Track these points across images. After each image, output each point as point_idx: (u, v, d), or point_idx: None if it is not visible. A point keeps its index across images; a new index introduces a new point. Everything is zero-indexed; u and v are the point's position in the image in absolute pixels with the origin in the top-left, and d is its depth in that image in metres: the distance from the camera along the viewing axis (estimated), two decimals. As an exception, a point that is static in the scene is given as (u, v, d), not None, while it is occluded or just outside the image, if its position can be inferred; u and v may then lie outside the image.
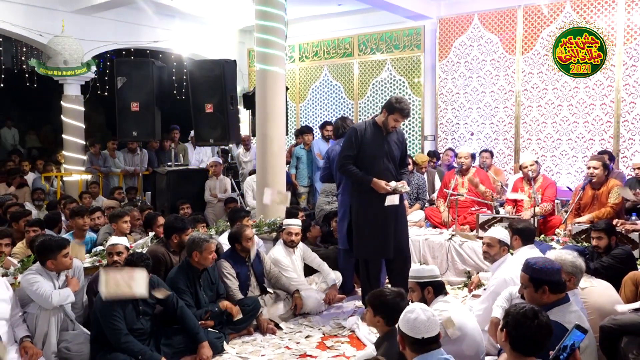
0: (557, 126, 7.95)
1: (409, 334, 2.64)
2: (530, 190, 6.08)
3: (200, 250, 4.35)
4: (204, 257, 4.37)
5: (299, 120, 10.41)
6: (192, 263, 4.40)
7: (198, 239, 4.38)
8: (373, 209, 4.73)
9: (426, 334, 2.63)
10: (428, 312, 2.70)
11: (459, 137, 8.78)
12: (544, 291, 3.00)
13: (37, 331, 3.82)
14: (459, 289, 5.73)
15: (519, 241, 4.49)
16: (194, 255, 4.37)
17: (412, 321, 2.65)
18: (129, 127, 8.11)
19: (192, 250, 4.37)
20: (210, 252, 4.40)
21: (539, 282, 3.01)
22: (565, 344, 2.31)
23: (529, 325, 2.41)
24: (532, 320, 2.42)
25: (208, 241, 4.39)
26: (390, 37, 9.35)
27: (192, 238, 4.44)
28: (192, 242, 4.40)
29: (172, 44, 10.26)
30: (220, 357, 4.16)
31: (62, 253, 3.92)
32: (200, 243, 4.35)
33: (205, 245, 4.36)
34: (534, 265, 3.07)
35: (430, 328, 2.64)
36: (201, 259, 4.37)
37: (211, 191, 7.90)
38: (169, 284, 4.28)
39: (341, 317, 5.01)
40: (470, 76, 8.61)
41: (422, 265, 4.91)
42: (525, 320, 2.42)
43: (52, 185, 9.15)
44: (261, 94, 6.31)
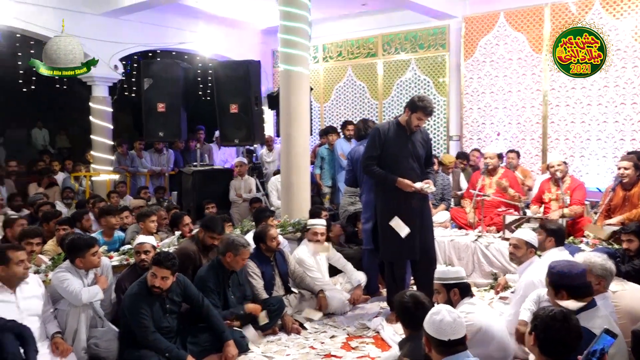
0: (586, 126, 7.81)
1: (435, 336, 2.60)
2: (558, 191, 6.00)
3: (236, 252, 4.36)
4: (237, 260, 4.39)
5: (323, 121, 10.42)
6: (223, 262, 4.42)
7: (237, 241, 4.40)
8: (398, 210, 4.70)
9: (452, 336, 2.58)
10: (454, 314, 2.65)
11: (485, 137, 8.69)
12: (562, 296, 2.98)
13: (68, 327, 3.88)
14: (485, 291, 5.66)
15: (553, 242, 4.41)
16: (228, 256, 4.38)
17: (437, 323, 2.61)
18: (156, 128, 8.21)
19: (228, 251, 4.38)
20: (243, 258, 4.43)
21: (557, 287, 3.01)
22: (594, 349, 2.24)
23: (559, 329, 2.37)
24: (561, 323, 2.38)
25: (245, 247, 4.41)
26: (415, 37, 9.29)
27: (231, 239, 4.44)
28: (231, 242, 4.40)
29: (198, 46, 10.35)
30: (245, 356, 4.17)
31: (91, 252, 3.99)
32: (237, 246, 4.37)
33: (241, 250, 4.38)
34: (552, 269, 3.06)
35: (456, 330, 2.59)
36: (233, 262, 4.39)
37: (236, 191, 7.95)
38: (198, 282, 4.32)
39: (366, 317, 4.99)
40: (496, 75, 8.51)
41: (447, 267, 4.86)
42: (554, 324, 2.38)
43: (81, 185, 9.30)
44: (285, 94, 6.32)
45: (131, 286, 3.98)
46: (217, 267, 4.44)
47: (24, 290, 3.71)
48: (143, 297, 3.84)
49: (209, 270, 4.44)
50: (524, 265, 4.20)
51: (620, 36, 7.48)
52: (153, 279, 3.85)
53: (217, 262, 4.46)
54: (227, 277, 4.47)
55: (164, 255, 3.93)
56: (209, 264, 4.53)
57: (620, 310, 3.51)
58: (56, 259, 4.35)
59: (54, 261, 4.35)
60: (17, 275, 3.62)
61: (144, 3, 8.41)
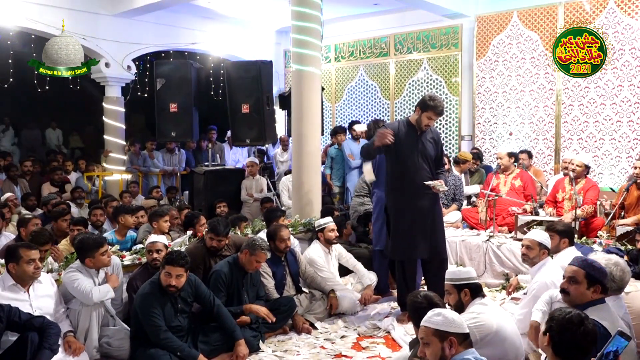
0: (599, 125, 7.73)
1: (461, 331, 2.64)
2: (572, 191, 5.95)
3: (252, 252, 4.37)
4: (251, 260, 4.40)
5: (335, 121, 10.41)
6: (239, 260, 4.45)
7: (258, 242, 4.40)
8: (409, 209, 4.69)
9: (463, 331, 2.65)
10: (454, 314, 2.73)
11: (497, 136, 8.63)
12: (596, 290, 2.98)
13: (80, 326, 3.90)
14: (497, 292, 5.64)
15: (567, 243, 4.40)
16: (245, 253, 4.40)
17: (457, 318, 2.66)
18: (168, 128, 8.27)
19: (246, 248, 4.41)
20: (258, 261, 4.43)
21: (595, 281, 2.99)
22: (607, 350, 2.24)
23: (575, 331, 2.37)
24: (577, 326, 2.38)
25: (263, 250, 4.40)
26: (427, 36, 9.25)
27: (253, 238, 4.46)
28: (252, 241, 4.41)
29: (210, 46, 10.38)
30: (256, 356, 4.18)
31: (100, 251, 4.00)
32: (255, 246, 4.37)
33: (258, 251, 4.38)
34: (593, 263, 3.05)
35: (462, 326, 2.64)
36: (247, 261, 4.40)
37: (247, 191, 7.97)
38: (214, 275, 4.36)
39: (376, 317, 4.98)
40: (509, 75, 8.45)
41: (458, 267, 4.85)
42: (571, 326, 2.39)
43: (94, 185, 9.37)
44: (297, 94, 6.31)
45: (143, 285, 3.99)
46: (234, 265, 4.46)
47: (37, 289, 3.74)
48: (155, 297, 3.85)
49: (225, 265, 4.46)
50: (536, 266, 4.16)
51: (635, 35, 7.39)
52: (168, 279, 3.85)
53: (234, 260, 4.48)
54: (242, 277, 4.48)
55: (176, 253, 3.94)
56: (227, 260, 4.53)
57: (633, 311, 3.50)
58: (69, 259, 4.35)
59: (67, 260, 4.36)
60: (27, 274, 3.64)
61: (157, 4, 8.46)
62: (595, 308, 2.92)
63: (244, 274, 4.50)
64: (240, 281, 4.48)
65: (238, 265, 4.46)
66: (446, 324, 2.63)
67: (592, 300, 2.97)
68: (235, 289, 4.45)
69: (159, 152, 9.63)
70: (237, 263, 4.47)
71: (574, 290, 3.02)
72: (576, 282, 3.02)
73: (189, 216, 5.77)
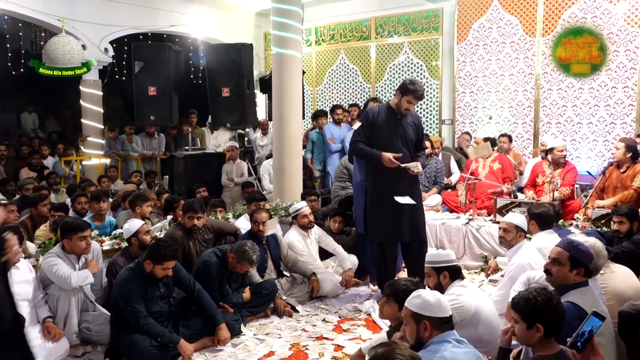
0: (577, 109, 7.81)
1: (437, 315, 2.63)
2: (552, 174, 6.02)
3: (240, 260, 4.34)
4: (235, 265, 4.39)
5: (316, 104, 10.37)
6: (226, 257, 4.43)
7: (248, 254, 4.32)
8: (387, 192, 4.69)
9: (448, 313, 2.66)
10: (437, 295, 2.72)
11: (477, 120, 8.68)
12: (579, 273, 2.99)
13: (59, 312, 3.90)
14: (476, 274, 5.72)
15: (536, 226, 4.51)
16: (232, 257, 4.38)
17: (436, 302, 2.64)
18: (147, 112, 8.14)
19: (235, 253, 4.38)
20: (242, 269, 4.41)
21: (578, 263, 3.00)
22: (582, 330, 2.28)
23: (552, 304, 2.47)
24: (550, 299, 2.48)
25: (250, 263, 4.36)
26: (408, 20, 9.22)
27: (245, 248, 4.34)
28: (243, 250, 4.34)
29: (189, 28, 10.23)
30: (237, 339, 4.20)
31: (78, 235, 3.98)
32: (244, 256, 4.32)
33: (245, 262, 4.34)
34: (579, 246, 3.05)
35: (441, 309, 2.64)
36: (233, 264, 4.39)
37: (228, 175, 7.93)
38: (204, 265, 4.35)
39: (357, 300, 5.02)
40: (489, 59, 8.48)
41: (438, 250, 4.89)
42: (549, 301, 2.47)
43: (72, 170, 9.23)
44: (278, 77, 6.29)
45: (122, 270, 3.97)
46: (222, 258, 4.44)
47: (15, 275, 3.67)
48: (134, 282, 3.83)
49: (213, 256, 4.43)
50: (513, 248, 4.23)
51: (613, 20, 7.45)
52: (162, 272, 3.86)
53: (223, 254, 4.45)
54: (227, 269, 4.47)
55: (166, 245, 3.89)
56: (212, 251, 4.49)
57: (608, 292, 3.55)
58: (47, 244, 4.33)
59: (44, 246, 4.33)
60: None
61: (134, -15, 8.30)
62: (577, 291, 2.94)
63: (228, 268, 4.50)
64: (225, 273, 4.46)
65: (224, 259, 4.44)
66: (422, 307, 2.64)
67: (574, 282, 2.99)
68: (218, 281, 4.43)
69: (138, 136, 9.52)
70: (225, 257, 4.43)
71: (556, 272, 3.04)
72: (559, 264, 3.04)
73: (169, 200, 5.75)
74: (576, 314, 2.72)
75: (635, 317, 3.12)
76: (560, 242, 3.16)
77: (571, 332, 2.34)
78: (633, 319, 3.11)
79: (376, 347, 2.11)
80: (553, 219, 4.69)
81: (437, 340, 2.58)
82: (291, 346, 4.07)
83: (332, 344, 4.09)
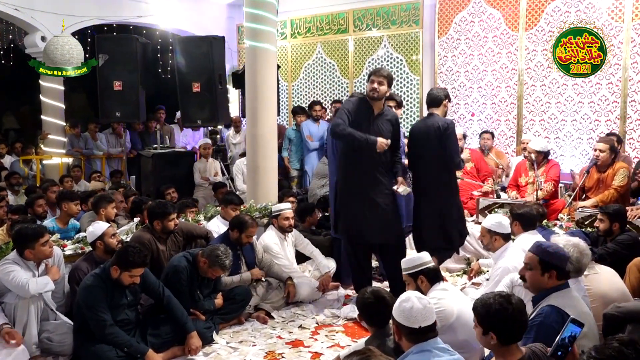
0: (561, 106, 7.66)
1: (406, 324, 2.59)
2: (534, 174, 5.97)
3: (212, 265, 4.21)
4: (206, 271, 4.25)
5: (291, 100, 10.07)
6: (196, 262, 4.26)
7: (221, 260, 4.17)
8: (359, 187, 4.58)
9: (423, 323, 2.59)
10: (424, 300, 2.66)
11: (459, 117, 8.48)
12: (551, 276, 2.95)
13: (17, 321, 3.71)
14: (458, 276, 5.66)
15: (519, 227, 4.48)
16: (203, 262, 4.22)
17: (408, 311, 2.60)
18: (112, 108, 7.97)
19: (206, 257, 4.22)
20: (214, 275, 4.29)
21: (549, 266, 2.95)
22: (563, 337, 2.35)
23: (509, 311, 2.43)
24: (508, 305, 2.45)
25: (223, 269, 4.23)
26: (387, 13, 8.96)
27: (217, 253, 4.18)
28: (215, 256, 4.17)
29: (157, 19, 9.81)
30: (209, 348, 4.09)
31: (40, 242, 3.80)
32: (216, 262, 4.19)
33: (217, 268, 4.19)
34: (547, 248, 3.01)
35: (426, 316, 2.60)
36: (204, 269, 4.24)
37: (201, 174, 7.73)
38: (174, 270, 4.19)
39: (335, 305, 4.93)
40: (471, 54, 8.28)
41: (410, 254, 4.68)
42: (504, 309, 2.43)
43: (32, 169, 8.80)
44: (251, 72, 6.11)
45: (86, 277, 3.83)
46: (192, 263, 4.28)
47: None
48: (100, 288, 3.71)
49: (183, 261, 4.25)
50: (499, 251, 4.19)
51: (597, 14, 7.31)
52: (130, 279, 3.75)
53: (193, 258, 4.29)
54: (198, 275, 4.32)
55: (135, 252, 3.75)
56: (183, 256, 4.32)
57: (593, 294, 3.56)
58: (4, 249, 4.10)
59: (1, 251, 4.10)
60: None
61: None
62: (557, 294, 2.91)
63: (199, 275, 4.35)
64: (196, 279, 4.30)
65: (194, 264, 4.28)
66: (397, 311, 2.65)
67: (553, 286, 2.94)
68: (189, 287, 4.30)
69: (103, 133, 9.22)
70: (195, 262, 4.27)
71: (529, 277, 3.01)
72: (531, 269, 3.01)
73: (136, 202, 5.68)
74: (558, 317, 2.73)
75: (619, 319, 3.22)
76: (531, 246, 3.12)
77: (553, 335, 2.41)
78: (617, 321, 3.22)
79: (351, 354, 2.11)
80: (536, 220, 4.66)
81: (415, 351, 2.57)
82: (266, 354, 4.00)
83: (309, 352, 4.02)
